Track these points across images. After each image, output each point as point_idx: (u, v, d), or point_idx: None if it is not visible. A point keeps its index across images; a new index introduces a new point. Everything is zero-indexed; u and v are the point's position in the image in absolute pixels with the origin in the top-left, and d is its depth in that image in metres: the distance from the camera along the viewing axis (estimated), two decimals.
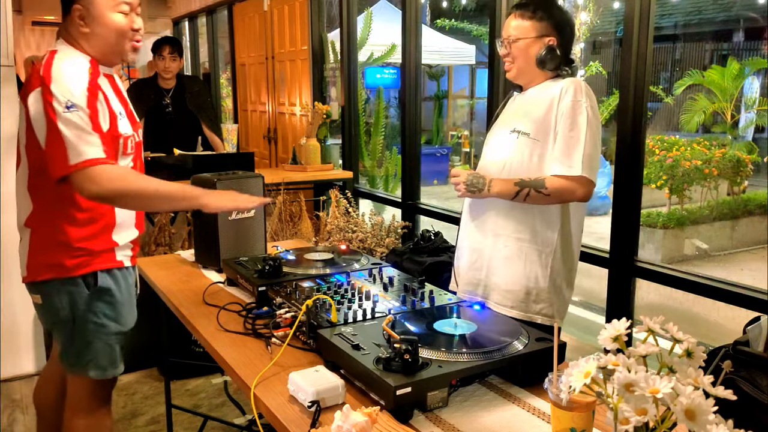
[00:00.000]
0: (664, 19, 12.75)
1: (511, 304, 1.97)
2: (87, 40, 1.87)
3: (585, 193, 1.86)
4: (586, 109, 1.85)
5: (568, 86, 1.88)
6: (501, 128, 2.03)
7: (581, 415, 1.04)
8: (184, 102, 4.31)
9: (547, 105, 1.89)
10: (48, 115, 1.72)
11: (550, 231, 1.94)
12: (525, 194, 1.86)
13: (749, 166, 7.85)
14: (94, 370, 1.96)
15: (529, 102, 1.96)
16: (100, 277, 1.92)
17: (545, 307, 1.96)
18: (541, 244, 1.94)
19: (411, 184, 3.91)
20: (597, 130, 1.87)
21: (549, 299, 1.96)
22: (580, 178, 1.83)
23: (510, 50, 1.96)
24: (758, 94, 9.49)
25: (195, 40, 7.59)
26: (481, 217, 2.02)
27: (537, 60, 1.93)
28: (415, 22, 3.76)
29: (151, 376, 3.39)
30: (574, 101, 1.85)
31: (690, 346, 0.93)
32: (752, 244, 7.37)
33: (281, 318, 1.62)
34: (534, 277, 1.95)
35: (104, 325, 1.94)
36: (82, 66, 1.83)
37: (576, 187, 1.84)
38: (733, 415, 0.86)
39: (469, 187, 1.92)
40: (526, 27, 1.93)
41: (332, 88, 4.93)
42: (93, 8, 1.84)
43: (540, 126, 1.89)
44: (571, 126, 1.84)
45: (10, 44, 3.21)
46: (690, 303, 4.94)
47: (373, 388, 1.27)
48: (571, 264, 2.01)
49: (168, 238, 3.53)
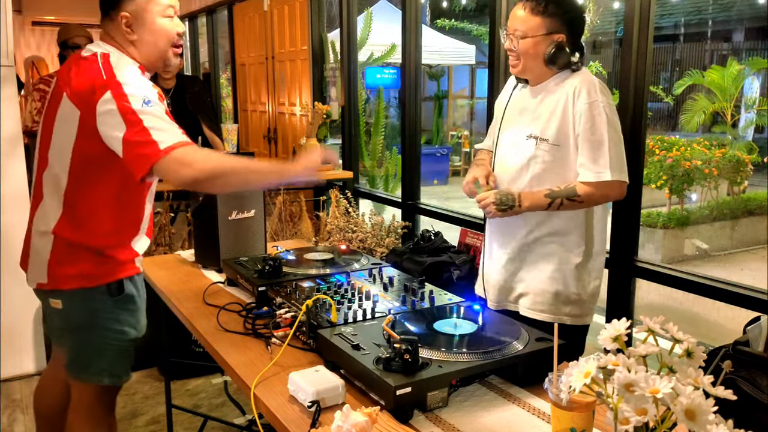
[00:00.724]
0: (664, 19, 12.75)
1: (541, 308, 1.94)
2: (135, 47, 1.82)
3: (618, 194, 1.85)
4: (604, 108, 1.81)
5: (580, 87, 1.83)
6: (514, 131, 1.97)
7: (581, 415, 1.04)
8: (184, 102, 4.30)
9: (562, 107, 1.85)
10: (126, 113, 1.66)
11: (576, 232, 1.92)
12: (558, 204, 1.83)
13: (749, 166, 7.85)
14: (108, 378, 1.93)
15: (541, 104, 1.91)
16: (126, 284, 1.90)
17: (574, 308, 1.94)
18: (568, 246, 1.92)
19: (411, 184, 3.91)
20: (617, 127, 1.84)
21: (578, 300, 1.94)
22: (611, 182, 1.81)
23: (517, 46, 1.87)
24: (758, 94, 9.50)
25: (195, 40, 7.58)
26: (506, 224, 1.97)
27: (545, 58, 1.86)
28: (415, 22, 3.76)
29: (151, 376, 3.39)
30: (590, 102, 1.81)
31: (690, 346, 0.93)
32: (752, 244, 7.37)
33: (281, 318, 1.62)
34: (562, 280, 1.92)
35: (125, 332, 1.92)
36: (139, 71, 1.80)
37: (608, 190, 1.83)
38: (733, 415, 0.86)
39: (499, 206, 1.85)
40: (535, 23, 1.84)
41: (332, 88, 4.93)
42: (144, 15, 1.79)
43: (559, 131, 1.85)
44: (592, 130, 1.80)
45: (10, 44, 3.21)
46: (690, 303, 4.94)
47: (373, 388, 1.27)
48: (599, 261, 1.98)
49: (168, 238, 3.53)
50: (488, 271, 2.07)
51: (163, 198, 3.48)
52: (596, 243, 1.96)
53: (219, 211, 2.18)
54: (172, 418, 2.60)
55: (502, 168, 1.98)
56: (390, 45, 5.96)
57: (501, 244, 2.02)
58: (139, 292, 1.96)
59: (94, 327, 1.88)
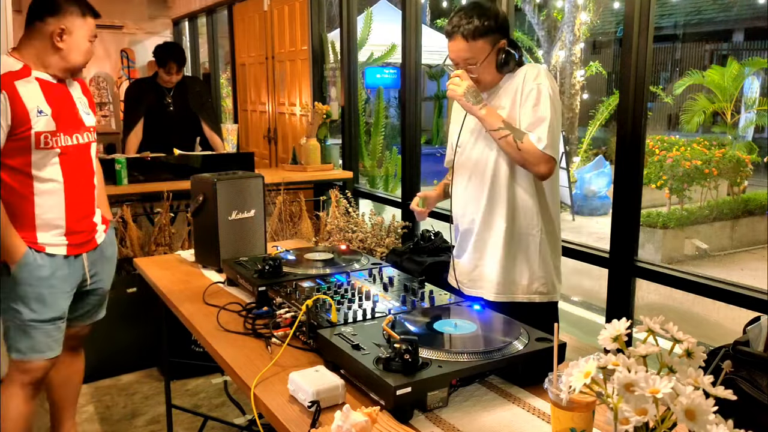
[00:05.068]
0: (664, 19, 12.76)
1: (504, 291, 2.03)
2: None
3: (548, 169, 1.91)
4: (548, 89, 1.91)
5: (528, 73, 1.94)
6: (472, 129, 2.06)
7: (581, 415, 1.04)
8: (186, 101, 4.30)
9: (512, 95, 1.95)
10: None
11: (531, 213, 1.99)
12: (504, 135, 1.89)
13: (749, 166, 7.85)
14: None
15: (498, 99, 2.00)
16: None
17: (540, 285, 2.03)
18: (525, 228, 2.00)
19: (411, 184, 3.90)
20: (559, 110, 1.94)
21: (543, 277, 2.03)
22: (544, 154, 1.87)
23: (468, 69, 1.96)
24: (758, 94, 9.50)
25: (195, 40, 7.58)
26: (466, 212, 2.08)
27: (497, 66, 1.97)
28: (415, 22, 3.76)
29: (151, 376, 3.39)
30: (537, 83, 1.91)
31: (690, 346, 0.93)
32: (752, 244, 7.37)
33: (281, 318, 1.62)
34: (525, 262, 2.01)
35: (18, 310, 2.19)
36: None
37: (540, 160, 1.88)
38: (733, 415, 0.86)
39: (467, 95, 1.92)
40: (479, 46, 1.93)
41: (332, 88, 4.93)
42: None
43: (509, 116, 1.94)
44: (536, 108, 1.90)
45: (10, 44, 3.21)
46: (690, 303, 4.94)
47: (373, 388, 1.27)
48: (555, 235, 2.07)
49: (168, 238, 3.52)
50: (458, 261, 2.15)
51: (163, 198, 3.48)
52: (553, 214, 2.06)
53: (219, 211, 2.18)
54: (172, 418, 2.60)
55: (464, 160, 2.07)
56: (390, 45, 5.96)
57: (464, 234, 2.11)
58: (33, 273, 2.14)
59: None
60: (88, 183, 2.30)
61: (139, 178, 3.63)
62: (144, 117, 4.24)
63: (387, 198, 4.40)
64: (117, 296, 3.14)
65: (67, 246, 2.21)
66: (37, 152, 2.10)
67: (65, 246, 2.20)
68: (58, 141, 2.14)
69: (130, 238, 3.44)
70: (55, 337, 2.22)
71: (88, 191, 2.30)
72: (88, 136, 2.28)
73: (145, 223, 3.89)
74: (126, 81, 7.50)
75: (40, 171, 2.12)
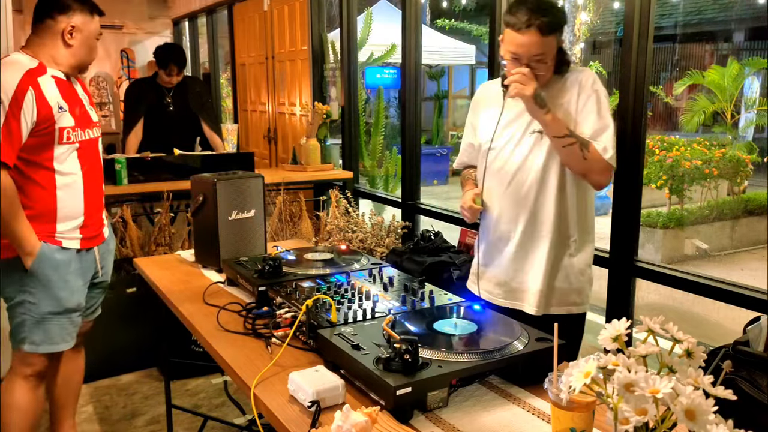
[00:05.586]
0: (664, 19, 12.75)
1: (546, 304, 1.94)
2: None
3: (609, 179, 1.86)
4: (606, 96, 1.86)
5: (584, 78, 1.86)
6: (511, 130, 1.93)
7: (581, 415, 1.04)
8: (186, 101, 4.30)
9: (568, 99, 1.86)
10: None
11: (573, 222, 1.92)
12: (570, 143, 1.79)
13: (749, 166, 7.84)
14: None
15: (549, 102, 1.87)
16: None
17: (576, 296, 1.97)
18: (569, 238, 1.93)
19: (411, 184, 3.90)
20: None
21: (580, 288, 1.97)
22: (609, 165, 1.81)
23: (534, 66, 1.81)
24: (758, 94, 9.50)
25: (195, 40, 7.58)
26: (501, 219, 1.97)
27: (557, 66, 1.87)
28: (415, 22, 3.76)
29: (151, 376, 3.39)
30: (596, 90, 1.84)
31: (690, 346, 0.93)
32: (752, 244, 7.37)
33: (281, 318, 1.62)
34: (567, 273, 1.94)
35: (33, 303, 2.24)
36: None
37: (605, 169, 1.82)
38: (733, 415, 0.86)
39: (537, 98, 1.79)
40: (550, 42, 1.80)
41: (332, 88, 4.93)
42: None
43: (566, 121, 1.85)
44: (598, 109, 1.83)
45: (11, 44, 3.21)
46: (690, 303, 4.94)
47: (373, 388, 1.27)
48: (593, 245, 2.00)
49: (168, 238, 3.52)
50: (484, 270, 2.06)
51: (163, 198, 3.48)
52: (590, 225, 1.98)
53: (219, 211, 2.18)
54: (172, 418, 2.60)
55: (507, 163, 1.93)
56: (390, 45, 5.95)
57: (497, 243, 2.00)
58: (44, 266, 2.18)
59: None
60: (99, 176, 2.38)
61: (139, 178, 3.63)
62: (144, 117, 4.24)
63: (387, 198, 4.40)
64: (117, 296, 3.15)
65: (81, 240, 2.28)
66: (60, 147, 2.18)
67: (79, 240, 2.27)
68: (77, 136, 2.23)
69: (130, 238, 3.44)
70: (69, 330, 2.29)
71: (100, 184, 2.39)
72: (96, 131, 2.37)
73: (145, 223, 3.89)
74: (126, 81, 7.49)
75: (62, 165, 2.20)
